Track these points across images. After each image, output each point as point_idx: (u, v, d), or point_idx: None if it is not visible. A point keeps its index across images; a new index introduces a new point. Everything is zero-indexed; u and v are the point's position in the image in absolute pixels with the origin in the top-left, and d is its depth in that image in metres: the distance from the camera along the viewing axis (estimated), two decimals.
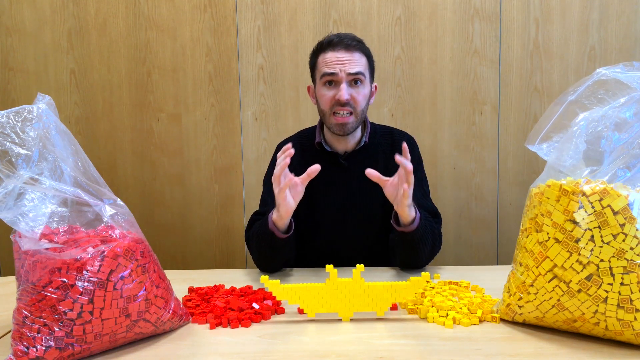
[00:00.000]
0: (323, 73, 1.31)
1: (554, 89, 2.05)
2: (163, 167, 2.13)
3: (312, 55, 1.38)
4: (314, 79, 1.39)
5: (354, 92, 1.30)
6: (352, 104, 1.30)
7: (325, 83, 1.32)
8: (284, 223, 1.21)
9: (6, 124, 0.81)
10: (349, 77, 1.29)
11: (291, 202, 1.18)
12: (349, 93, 1.29)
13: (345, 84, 1.29)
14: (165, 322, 0.90)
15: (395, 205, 1.19)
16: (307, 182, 1.19)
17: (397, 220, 1.22)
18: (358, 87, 1.31)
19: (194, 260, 2.17)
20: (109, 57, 2.08)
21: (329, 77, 1.30)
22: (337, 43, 1.30)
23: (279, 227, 1.22)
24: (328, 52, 1.31)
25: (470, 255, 2.14)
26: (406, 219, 1.19)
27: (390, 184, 1.19)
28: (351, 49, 1.30)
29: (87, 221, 0.85)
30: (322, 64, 1.32)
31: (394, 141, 1.41)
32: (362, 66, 1.31)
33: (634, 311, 0.78)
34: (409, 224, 1.20)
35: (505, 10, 2.03)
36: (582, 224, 0.81)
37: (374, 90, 1.39)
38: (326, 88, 1.32)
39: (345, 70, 1.29)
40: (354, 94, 1.30)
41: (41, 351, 0.76)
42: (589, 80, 0.88)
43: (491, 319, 0.94)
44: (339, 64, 1.29)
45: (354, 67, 1.29)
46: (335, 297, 0.96)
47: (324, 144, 1.41)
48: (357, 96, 1.31)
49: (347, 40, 1.31)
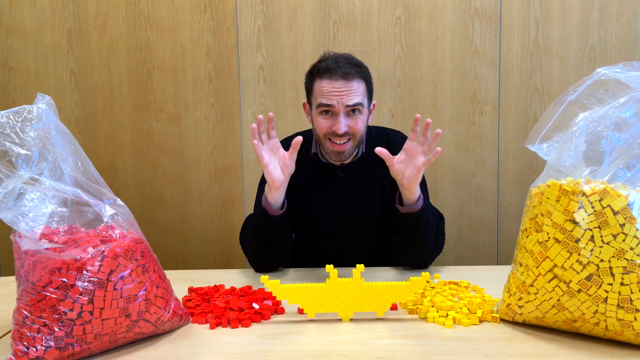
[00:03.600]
0: (319, 103, 1.26)
1: (554, 89, 2.05)
2: (163, 167, 2.13)
3: (308, 77, 1.33)
4: (309, 101, 1.35)
5: (351, 122, 1.26)
6: (350, 132, 1.27)
7: (322, 112, 1.28)
8: (274, 197, 1.22)
9: (6, 124, 0.81)
10: (346, 108, 1.25)
11: (278, 173, 1.20)
12: (347, 124, 1.25)
13: (343, 115, 1.25)
14: (165, 322, 0.90)
15: (405, 181, 1.18)
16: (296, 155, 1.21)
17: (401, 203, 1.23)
18: (356, 116, 1.27)
19: (194, 260, 2.17)
20: (109, 57, 2.08)
21: (326, 107, 1.26)
22: (335, 71, 1.24)
23: (270, 201, 1.22)
24: (324, 80, 1.25)
25: (470, 255, 2.14)
26: (412, 197, 1.20)
27: (398, 161, 1.19)
28: (349, 77, 1.24)
29: (87, 221, 0.85)
30: (319, 92, 1.26)
31: (390, 144, 1.39)
32: (361, 95, 1.26)
33: (634, 311, 0.78)
34: (414, 203, 1.20)
35: (505, 10, 2.03)
36: (582, 224, 0.81)
37: (372, 109, 1.35)
38: (322, 117, 1.28)
39: (342, 103, 1.24)
40: (352, 124, 1.26)
41: (41, 351, 0.76)
42: (588, 80, 0.88)
43: (491, 319, 0.94)
44: (336, 95, 1.23)
45: (352, 98, 1.24)
46: (335, 297, 0.95)
47: (321, 156, 1.39)
48: (355, 125, 1.27)
49: (345, 67, 1.24)
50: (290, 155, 1.21)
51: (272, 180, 1.19)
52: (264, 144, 1.20)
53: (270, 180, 1.19)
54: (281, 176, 1.20)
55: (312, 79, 1.31)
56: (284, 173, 1.21)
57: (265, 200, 1.23)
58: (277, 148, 1.22)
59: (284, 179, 1.21)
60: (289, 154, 1.21)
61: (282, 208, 1.25)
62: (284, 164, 1.21)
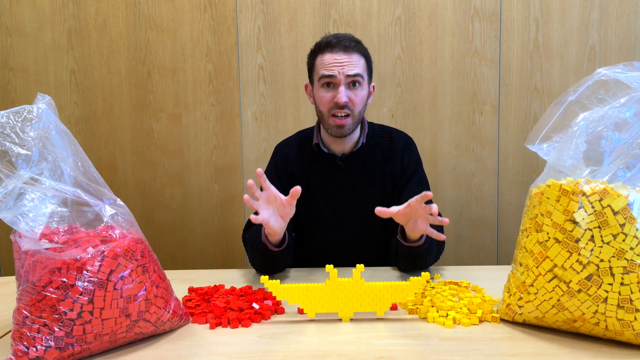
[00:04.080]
0: (321, 75, 1.30)
1: (554, 89, 2.05)
2: (163, 167, 2.13)
3: (310, 56, 1.37)
4: (311, 79, 1.39)
5: (352, 94, 1.30)
6: (350, 106, 1.30)
7: (324, 85, 1.31)
8: (275, 240, 1.20)
9: (6, 124, 0.81)
10: (347, 79, 1.28)
11: (279, 224, 1.15)
12: (347, 95, 1.29)
13: (344, 86, 1.29)
14: (165, 322, 0.90)
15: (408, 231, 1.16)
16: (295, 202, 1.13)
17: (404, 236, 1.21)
18: (356, 89, 1.30)
19: (194, 260, 2.17)
20: (109, 57, 2.08)
21: (327, 79, 1.29)
22: (335, 44, 1.29)
23: (271, 241, 1.20)
24: (326, 54, 1.30)
25: (470, 255, 2.14)
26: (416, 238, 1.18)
27: (401, 214, 1.12)
28: (349, 50, 1.29)
29: (87, 221, 0.85)
30: (320, 65, 1.31)
31: (392, 141, 1.41)
32: (361, 68, 1.30)
33: (634, 311, 0.78)
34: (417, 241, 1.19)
35: (505, 10, 2.03)
36: (582, 224, 0.81)
37: (371, 91, 1.39)
38: (324, 90, 1.31)
39: (343, 73, 1.28)
40: (352, 96, 1.30)
41: (41, 351, 0.76)
42: (589, 81, 0.88)
43: (491, 319, 0.94)
44: (337, 66, 1.28)
45: (353, 68, 1.28)
46: (335, 297, 0.95)
47: (322, 146, 1.41)
48: (355, 98, 1.30)
49: (345, 41, 1.30)
50: (289, 203, 1.13)
51: (274, 231, 1.15)
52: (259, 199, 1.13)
53: (272, 231, 1.15)
54: (282, 224, 1.16)
55: (314, 56, 1.35)
56: (284, 220, 1.16)
57: (265, 238, 1.20)
58: (273, 198, 1.14)
59: (285, 225, 1.17)
60: (287, 202, 1.13)
61: (282, 243, 1.23)
62: (284, 212, 1.15)
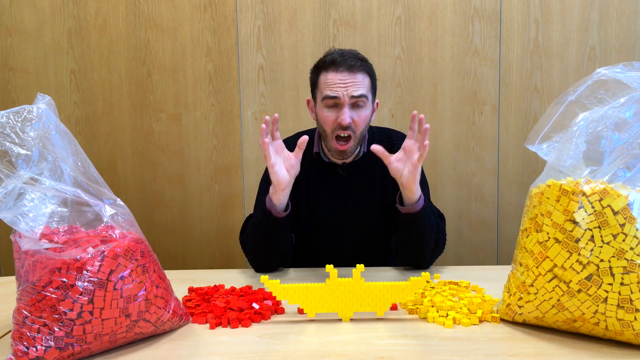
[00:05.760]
0: (325, 96, 1.27)
1: (554, 89, 2.05)
2: (163, 167, 2.13)
3: (313, 72, 1.34)
4: (314, 96, 1.35)
5: (355, 115, 1.27)
6: (353, 127, 1.28)
7: (327, 105, 1.29)
8: (279, 198, 1.21)
9: (6, 124, 0.81)
10: (351, 99, 1.26)
11: (284, 173, 1.19)
12: (351, 116, 1.26)
13: (348, 107, 1.26)
14: (165, 322, 0.90)
15: (404, 180, 1.19)
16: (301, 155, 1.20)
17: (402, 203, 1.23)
18: (360, 109, 1.28)
19: (194, 260, 2.17)
20: (109, 57, 2.08)
21: (331, 100, 1.27)
22: (340, 63, 1.26)
23: (274, 202, 1.22)
24: (330, 73, 1.27)
25: (470, 255, 2.14)
26: (412, 197, 1.19)
27: (395, 160, 1.19)
28: (354, 70, 1.26)
29: (87, 221, 0.85)
30: (324, 85, 1.28)
31: (392, 145, 1.39)
32: (365, 88, 1.27)
33: (634, 311, 0.78)
34: (414, 203, 1.20)
35: (505, 10, 2.03)
36: (582, 224, 0.81)
37: (375, 108, 1.36)
38: (328, 110, 1.29)
39: (347, 94, 1.25)
40: (355, 117, 1.27)
41: (41, 351, 0.76)
42: (589, 80, 0.88)
43: (491, 319, 0.94)
44: (342, 87, 1.25)
45: (357, 89, 1.25)
46: (335, 297, 0.95)
47: (322, 155, 1.40)
48: (359, 120, 1.28)
49: (351, 60, 1.26)
50: (295, 155, 1.20)
51: (278, 181, 1.18)
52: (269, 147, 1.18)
53: (276, 180, 1.18)
54: (287, 176, 1.19)
55: (317, 73, 1.32)
56: (290, 173, 1.20)
57: (270, 202, 1.22)
58: (281, 149, 1.21)
59: (289, 179, 1.20)
60: (294, 154, 1.20)
61: (286, 210, 1.25)
62: (290, 164, 1.20)
